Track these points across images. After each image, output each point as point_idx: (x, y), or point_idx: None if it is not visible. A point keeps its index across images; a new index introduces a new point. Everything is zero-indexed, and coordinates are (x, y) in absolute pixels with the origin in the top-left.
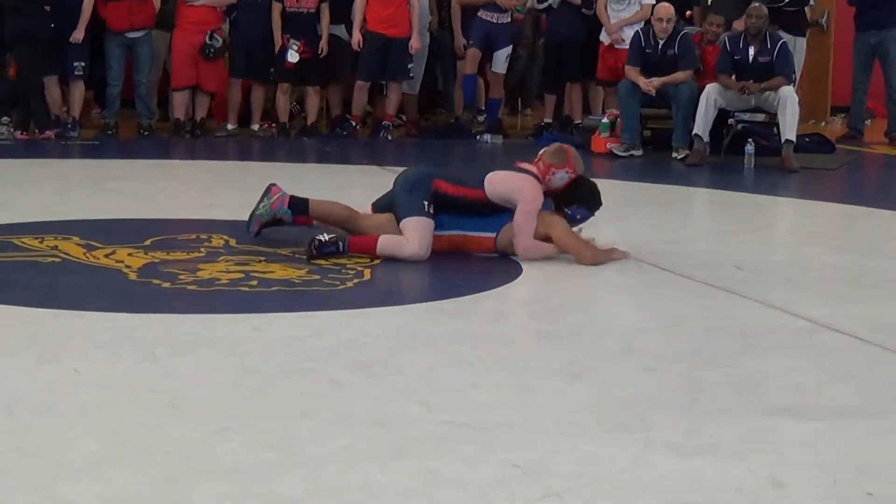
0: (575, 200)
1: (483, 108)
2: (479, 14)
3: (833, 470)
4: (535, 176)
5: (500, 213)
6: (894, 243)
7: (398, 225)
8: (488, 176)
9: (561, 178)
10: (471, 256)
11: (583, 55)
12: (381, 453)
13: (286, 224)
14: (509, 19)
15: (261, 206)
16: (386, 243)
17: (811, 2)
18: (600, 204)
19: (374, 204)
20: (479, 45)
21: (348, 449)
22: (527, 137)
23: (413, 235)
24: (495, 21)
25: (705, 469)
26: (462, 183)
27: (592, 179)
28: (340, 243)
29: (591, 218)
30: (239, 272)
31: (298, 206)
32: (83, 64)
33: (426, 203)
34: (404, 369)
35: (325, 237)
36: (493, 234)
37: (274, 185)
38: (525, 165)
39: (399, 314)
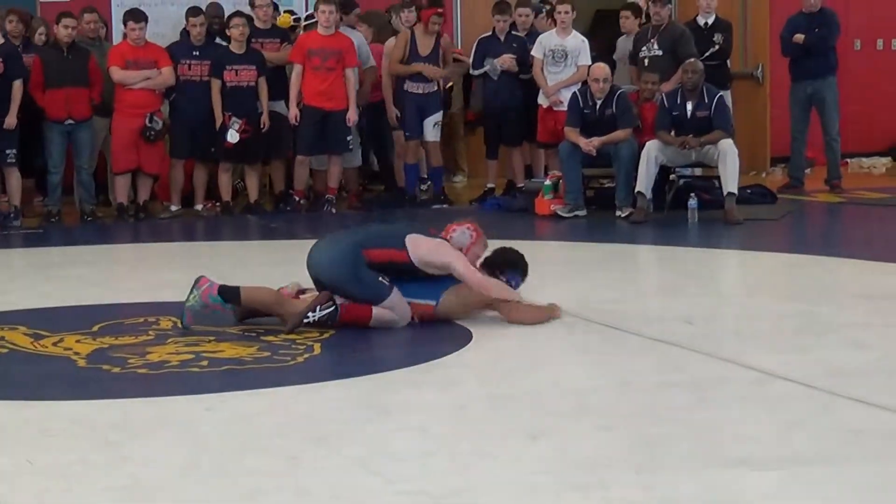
0: (506, 265)
1: (426, 176)
2: (405, 88)
3: None
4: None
5: (429, 279)
6: (840, 290)
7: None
8: (409, 238)
9: (462, 233)
10: (421, 325)
11: (522, 119)
12: None
13: (219, 311)
14: (436, 88)
15: (191, 297)
16: (378, 321)
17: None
18: (527, 270)
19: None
20: (415, 131)
21: None
22: (470, 203)
23: (399, 313)
24: (422, 92)
25: None
26: (387, 245)
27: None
28: (329, 321)
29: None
30: (189, 353)
31: (229, 294)
32: (15, 151)
33: (380, 278)
34: (360, 441)
35: (313, 319)
36: (433, 303)
37: (202, 276)
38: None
39: (352, 386)
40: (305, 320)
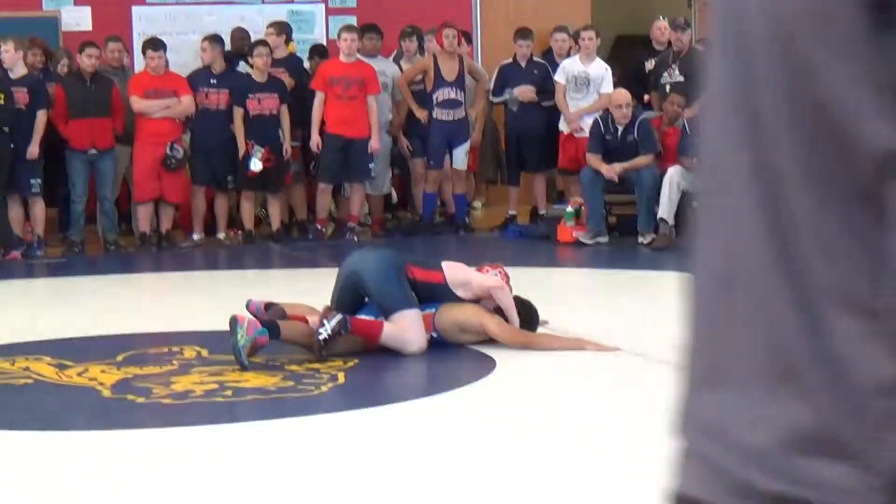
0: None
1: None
2: (434, 115)
3: None
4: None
5: (441, 299)
6: None
7: (387, 316)
8: (444, 263)
9: (493, 275)
10: (445, 350)
11: (544, 145)
12: None
13: (267, 344)
14: (464, 114)
15: (240, 338)
16: (390, 335)
17: None
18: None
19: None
20: (439, 160)
21: None
22: (492, 230)
23: (413, 331)
24: (452, 119)
25: None
26: (426, 266)
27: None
28: (342, 331)
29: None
30: (213, 383)
31: (271, 329)
32: (39, 181)
33: (413, 294)
34: (385, 471)
35: (327, 332)
36: (433, 311)
37: (237, 315)
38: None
39: (376, 416)
40: (319, 336)
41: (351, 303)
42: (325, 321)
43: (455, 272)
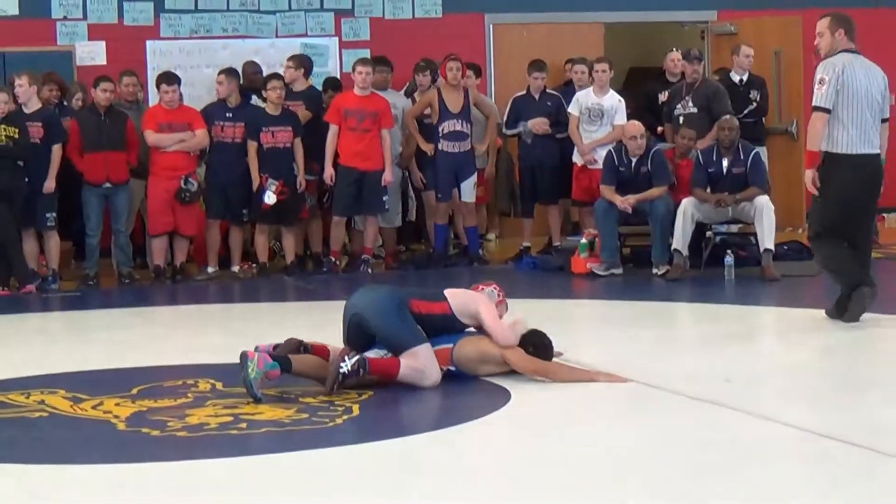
0: (533, 347)
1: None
2: (440, 147)
3: None
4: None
5: (456, 332)
6: (878, 346)
7: (397, 355)
8: (446, 291)
9: (490, 293)
10: (460, 382)
11: (557, 176)
12: None
13: (278, 377)
14: (470, 146)
15: (250, 371)
16: (407, 371)
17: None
18: (550, 359)
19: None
20: (447, 192)
21: None
22: (506, 262)
23: (428, 365)
24: (458, 150)
25: None
26: (429, 298)
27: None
28: (361, 370)
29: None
30: (228, 415)
31: (283, 363)
32: (55, 215)
33: (420, 329)
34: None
35: (346, 368)
36: (450, 346)
37: (245, 351)
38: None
39: (391, 448)
40: (340, 370)
41: (361, 341)
42: (346, 357)
43: (459, 300)
